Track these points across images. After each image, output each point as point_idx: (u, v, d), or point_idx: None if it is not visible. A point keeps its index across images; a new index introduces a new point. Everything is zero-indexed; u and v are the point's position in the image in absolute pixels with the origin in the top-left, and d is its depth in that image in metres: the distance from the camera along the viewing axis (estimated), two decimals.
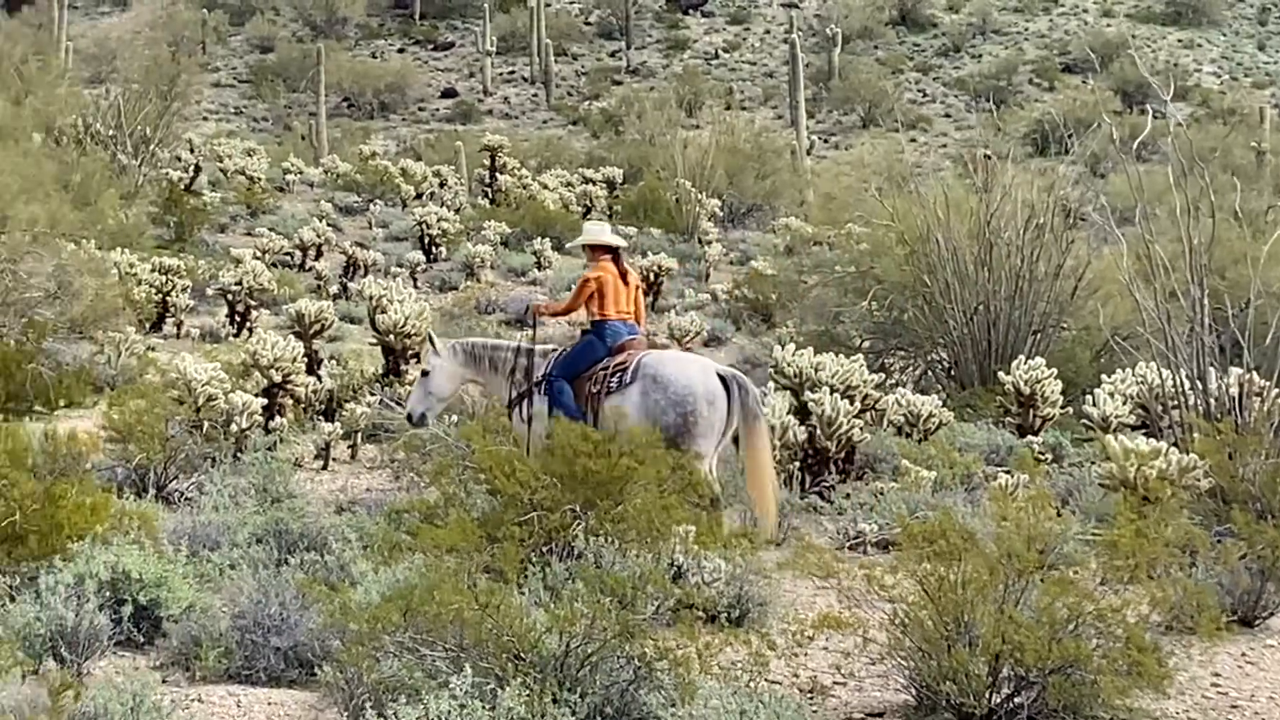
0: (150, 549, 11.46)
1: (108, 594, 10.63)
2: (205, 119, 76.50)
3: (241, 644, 10.22)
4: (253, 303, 30.09)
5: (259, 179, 51.42)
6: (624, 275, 15.34)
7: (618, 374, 14.56)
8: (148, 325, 28.27)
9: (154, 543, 11.84)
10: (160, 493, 15.41)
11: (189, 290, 30.34)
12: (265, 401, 18.65)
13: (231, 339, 28.40)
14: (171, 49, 61.23)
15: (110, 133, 43.45)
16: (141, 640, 10.73)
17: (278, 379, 19.85)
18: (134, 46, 62.29)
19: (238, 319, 29.87)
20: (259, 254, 36.52)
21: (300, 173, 54.89)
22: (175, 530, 12.96)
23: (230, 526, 13.26)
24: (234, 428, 17.25)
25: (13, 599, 10.61)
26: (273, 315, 30.90)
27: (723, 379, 14.40)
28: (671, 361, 14.73)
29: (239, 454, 16.85)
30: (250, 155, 54.18)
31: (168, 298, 29.55)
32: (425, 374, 15.94)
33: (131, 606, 10.65)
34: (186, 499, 15.34)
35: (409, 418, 16.12)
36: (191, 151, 50.74)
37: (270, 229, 42.73)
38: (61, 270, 23.43)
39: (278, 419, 19.37)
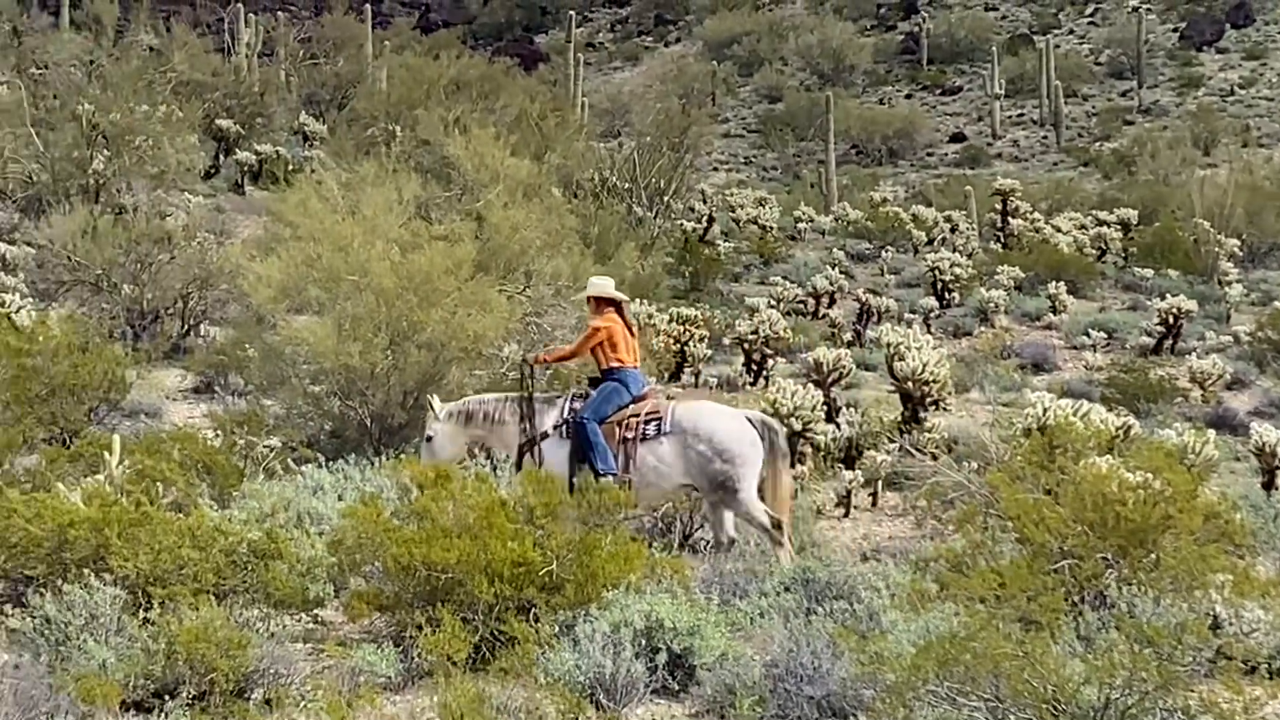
0: (682, 597, 11.69)
1: (643, 642, 10.88)
2: (716, 169, 77.93)
3: (775, 692, 10.33)
4: (769, 351, 30.42)
5: (771, 228, 52.10)
6: (629, 326, 16.12)
7: (652, 421, 15.32)
8: (666, 375, 28.85)
9: (685, 591, 12.07)
10: (687, 541, 15.71)
11: (706, 339, 30.85)
12: None
13: (749, 387, 28.79)
14: (682, 101, 62.71)
15: (626, 185, 44.62)
16: (676, 688, 10.94)
17: (797, 427, 20.05)
18: (646, 100, 63.93)
19: (754, 367, 30.26)
20: (773, 302, 37.00)
21: (811, 220, 55.36)
22: (705, 579, 13.18)
23: (757, 575, 13.42)
24: None
25: (552, 646, 10.95)
26: (788, 363, 31.21)
27: (751, 422, 15.37)
28: (707, 414, 15.47)
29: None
30: (761, 204, 54.92)
31: (685, 347, 30.11)
32: (429, 439, 16.53)
33: (666, 654, 10.88)
34: (712, 547, 15.56)
35: None
36: (704, 202, 51.72)
37: (783, 277, 43.24)
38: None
39: (798, 467, 19.53)
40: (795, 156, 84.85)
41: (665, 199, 45.77)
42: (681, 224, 46.70)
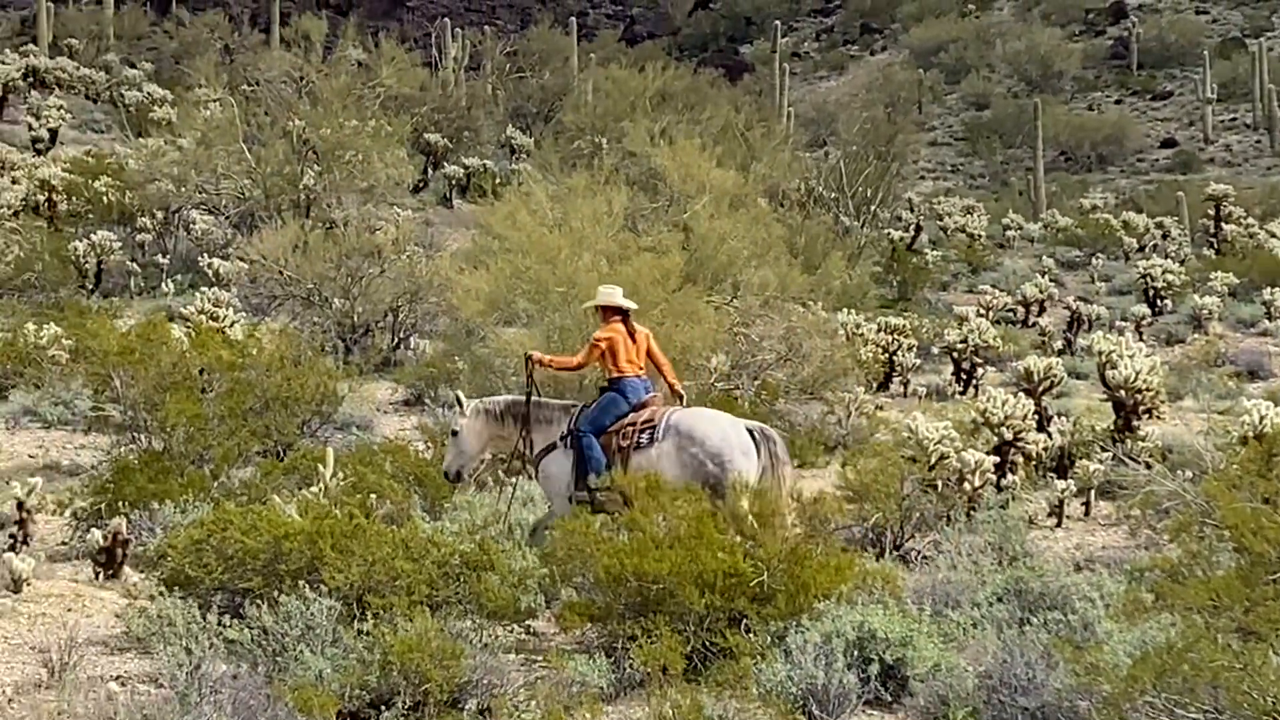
0: (894, 608, 11.61)
1: (855, 653, 10.83)
2: (923, 178, 77.44)
3: (989, 703, 10.24)
4: (978, 360, 30.16)
5: (979, 236, 51.68)
6: (633, 334, 16.10)
7: (646, 429, 15.42)
8: (875, 385, 28.71)
9: (897, 602, 11.99)
10: (897, 551, 15.63)
11: (914, 349, 30.66)
12: (996, 459, 18.67)
13: (958, 396, 28.56)
14: (888, 110, 62.32)
15: (832, 195, 44.52)
16: (889, 699, 10.88)
17: (1008, 436, 19.85)
18: (851, 109, 63.59)
19: (963, 376, 30.01)
20: (982, 311, 36.68)
21: (1020, 228, 54.84)
22: (915, 589, 13.09)
23: (969, 585, 13.30)
24: (966, 486, 17.32)
25: (763, 656, 10.93)
26: (998, 372, 30.91)
27: (750, 432, 15.39)
28: (703, 419, 15.62)
29: (972, 512, 16.89)
30: (969, 213, 54.49)
31: (894, 357, 29.95)
32: (455, 434, 16.47)
33: (878, 665, 10.82)
34: (923, 558, 15.50)
35: (446, 475, 16.72)
36: (911, 211, 51.42)
37: (992, 285, 42.86)
38: (791, 332, 24.09)
39: (1009, 476, 19.34)
40: (1003, 164, 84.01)
41: (872, 208, 45.62)
42: (888, 233, 46.49)
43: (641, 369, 16.12)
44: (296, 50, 56.63)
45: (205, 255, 35.30)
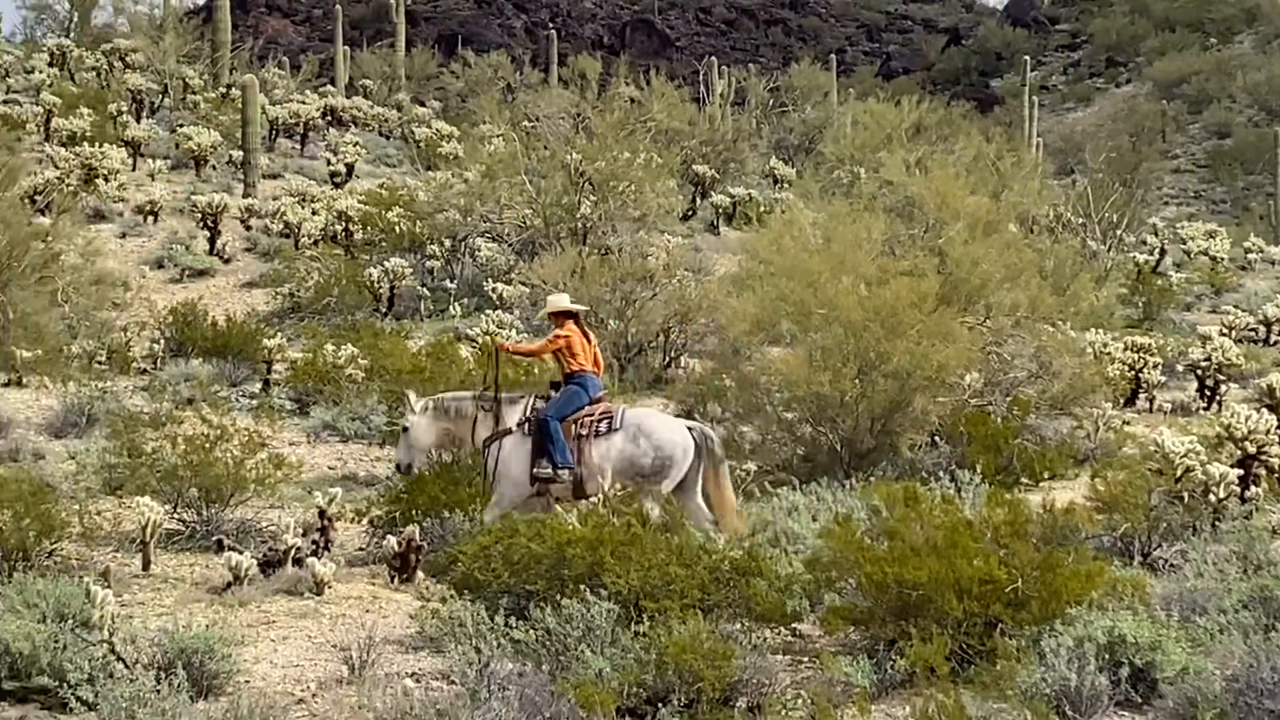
0: (1143, 614, 11.43)
1: (1105, 656, 10.69)
2: (1166, 204, 75.88)
3: (1235, 706, 10.05)
4: (1221, 377, 29.45)
5: (1221, 259, 50.47)
6: (586, 335, 17.20)
7: (604, 419, 16.53)
8: (1121, 401, 28.16)
9: (1146, 608, 11.80)
10: (1145, 560, 15.35)
11: (1159, 367, 30.04)
12: (1240, 472, 18.23)
13: (1202, 412, 27.90)
14: (1132, 140, 61.26)
15: (1080, 220, 43.81)
16: (1139, 700, 10.70)
17: (1252, 450, 19.35)
18: (1098, 139, 62.61)
19: (1207, 393, 29.33)
20: (1224, 330, 35.79)
21: (1260, 251, 53.44)
22: (1164, 596, 12.85)
23: (1215, 593, 13.02)
24: (1211, 497, 16.94)
25: (1018, 660, 10.80)
26: (1241, 389, 30.16)
27: (690, 430, 16.66)
28: (654, 418, 17.07)
29: (1217, 522, 16.52)
30: (1211, 237, 53.18)
31: (1140, 374, 29.36)
32: (405, 430, 17.46)
33: (1128, 668, 10.66)
34: (1171, 566, 15.23)
35: (397, 468, 17.77)
36: (1155, 235, 50.38)
37: (1234, 306, 41.82)
38: (1041, 351, 23.77)
39: (1253, 489, 18.85)
40: (1244, 190, 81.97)
41: (1118, 233, 44.74)
42: (1134, 256, 45.56)
43: (598, 368, 17.19)
44: (574, 88, 57.30)
45: (489, 280, 35.79)
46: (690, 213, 46.97)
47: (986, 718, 9.81)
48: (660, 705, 10.50)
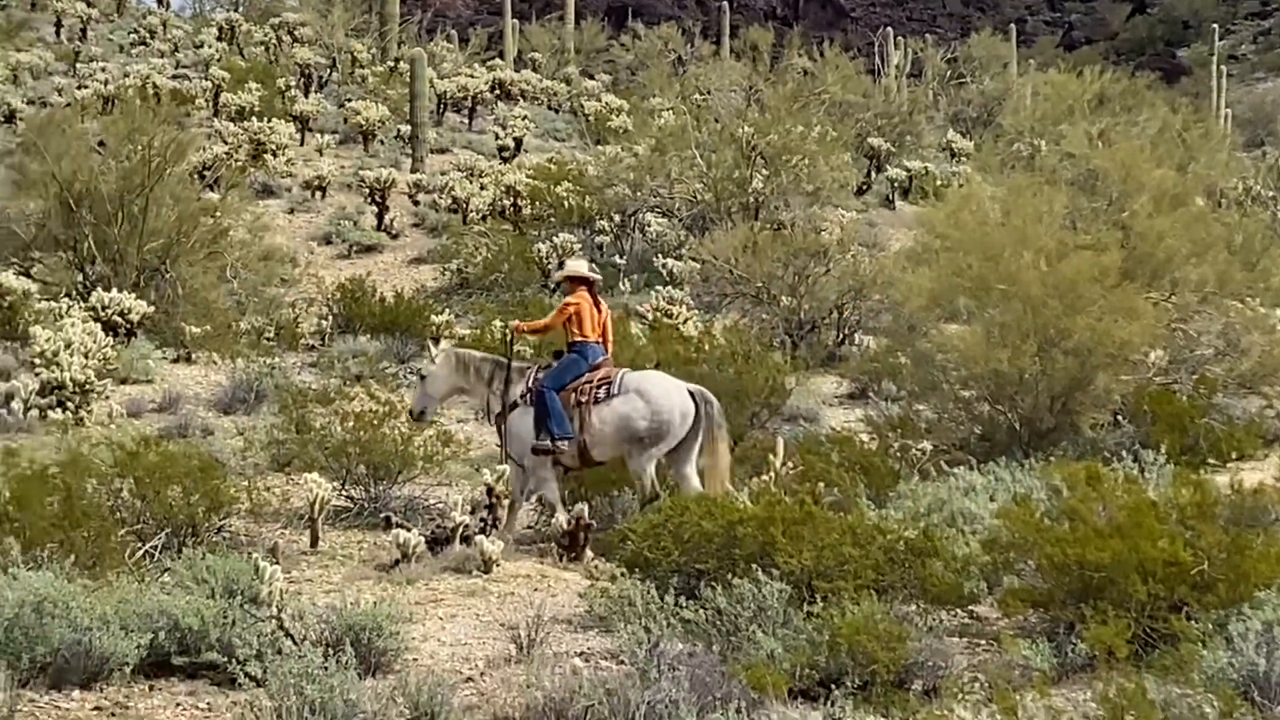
0: None
1: None
2: None
3: None
4: None
5: None
6: (597, 304, 17.23)
7: (603, 385, 16.63)
8: None
9: None
10: None
11: None
12: None
13: None
14: None
15: (1270, 194, 43.02)
16: None
17: None
18: None
19: None
20: None
21: None
22: None
23: None
24: None
25: (1204, 644, 10.65)
26: None
27: (691, 394, 16.60)
28: (653, 380, 16.93)
29: None
30: None
31: None
32: (423, 377, 17.92)
33: None
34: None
35: (410, 414, 18.05)
36: None
37: None
38: (1229, 328, 23.37)
39: None
40: None
41: None
42: None
43: (601, 338, 17.11)
44: (745, 60, 57.24)
45: (660, 256, 35.87)
46: (865, 187, 46.72)
47: (1170, 702, 9.68)
48: (833, 687, 10.48)
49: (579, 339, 16.96)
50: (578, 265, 17.84)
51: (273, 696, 9.70)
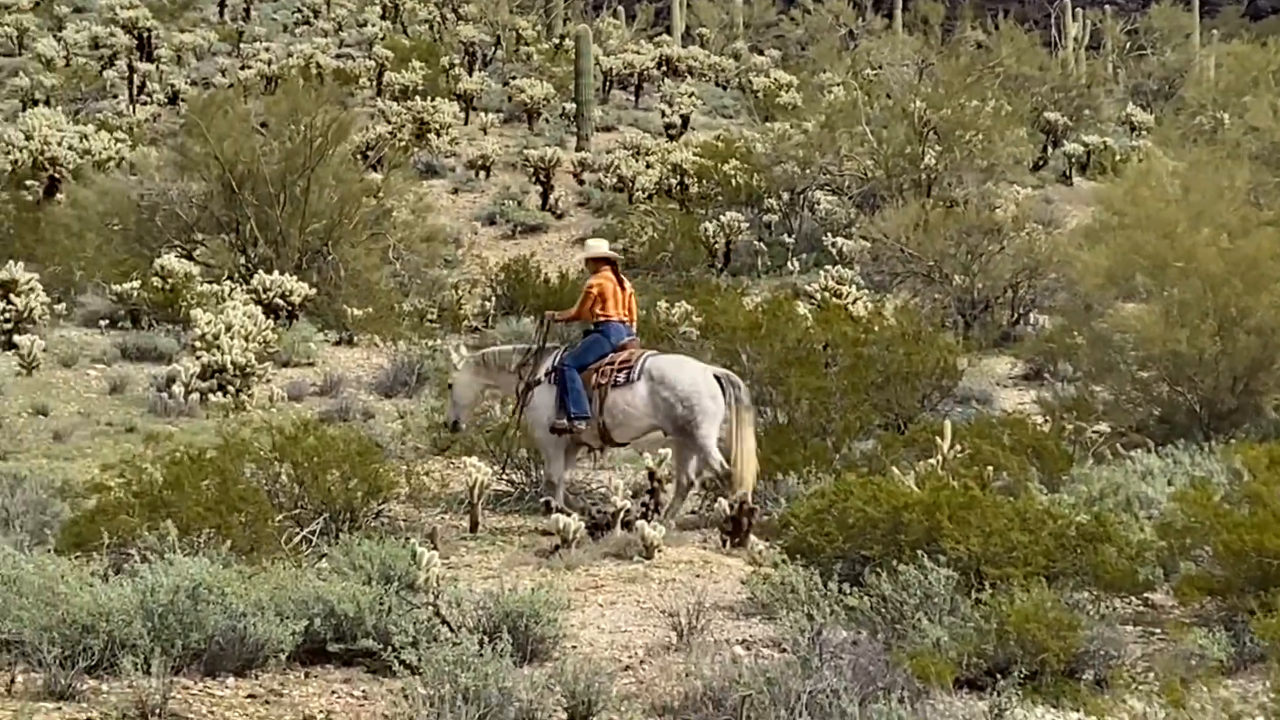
0: None
1: None
2: None
3: None
4: None
5: None
6: (621, 283, 17.29)
7: (624, 369, 16.68)
8: None
9: None
10: None
11: None
12: None
13: None
14: None
15: None
16: None
17: None
18: None
19: None
20: None
21: None
22: None
23: None
24: None
25: None
26: None
27: (717, 378, 16.67)
28: (674, 364, 16.93)
29: None
30: None
31: None
32: (450, 387, 18.15)
33: None
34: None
35: (444, 425, 18.41)
36: None
37: None
38: None
39: None
40: None
41: None
42: None
43: (626, 316, 17.24)
44: (917, 34, 56.78)
45: (829, 234, 35.75)
46: (1041, 162, 46.21)
47: None
48: (1000, 676, 10.33)
49: (603, 319, 17.09)
50: (597, 246, 18.06)
51: (427, 684, 9.73)
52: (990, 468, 15.48)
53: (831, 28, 70.63)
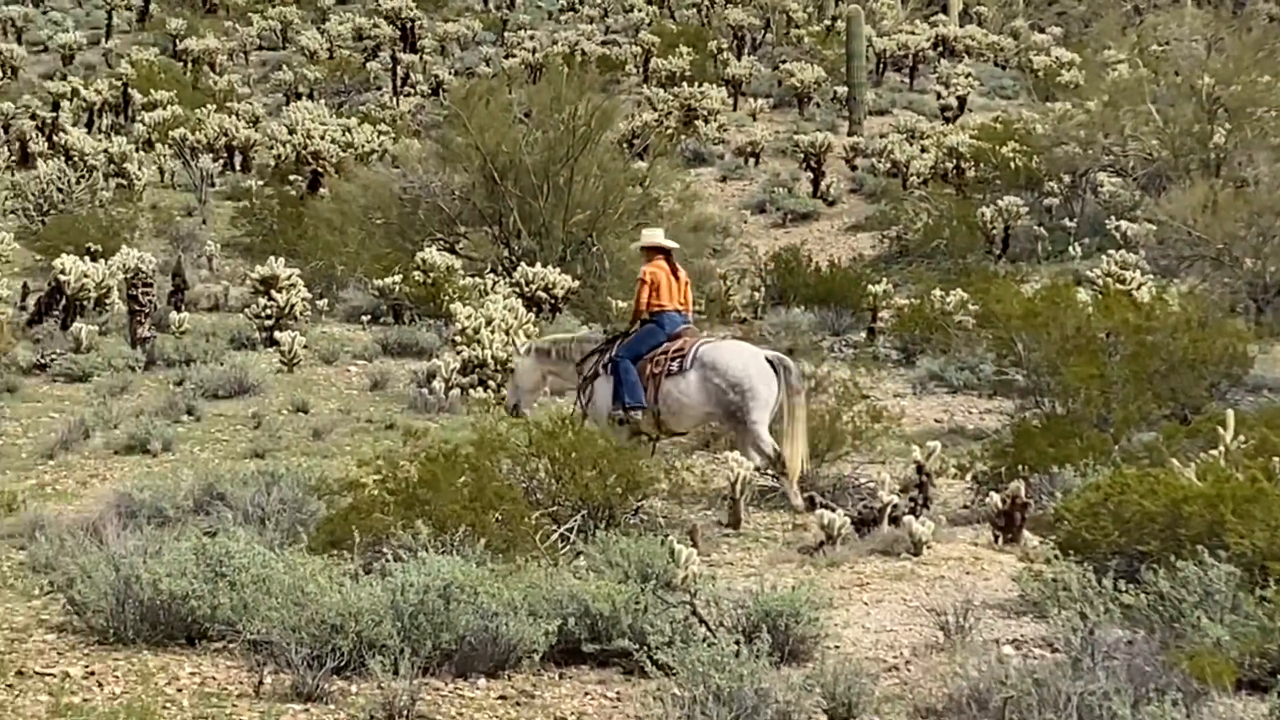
0: None
1: None
2: None
3: None
4: None
5: None
6: (674, 272, 17.58)
7: (676, 358, 16.96)
8: None
9: None
10: None
11: None
12: None
13: None
14: None
15: None
16: None
17: None
18: None
19: None
20: None
21: None
22: None
23: None
24: None
25: None
26: None
27: (770, 361, 16.92)
28: (726, 350, 17.20)
29: None
30: None
31: None
32: (512, 372, 19.05)
33: None
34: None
35: (505, 409, 18.62)
36: None
37: None
38: None
39: None
40: None
41: None
42: None
43: (681, 305, 17.55)
44: (1207, 7, 55.57)
45: (1112, 218, 35.17)
46: None
47: None
48: None
49: (657, 308, 17.39)
50: (653, 235, 18.29)
51: (681, 685, 9.72)
52: (1278, 459, 15.07)
53: (1116, 3, 69.42)
